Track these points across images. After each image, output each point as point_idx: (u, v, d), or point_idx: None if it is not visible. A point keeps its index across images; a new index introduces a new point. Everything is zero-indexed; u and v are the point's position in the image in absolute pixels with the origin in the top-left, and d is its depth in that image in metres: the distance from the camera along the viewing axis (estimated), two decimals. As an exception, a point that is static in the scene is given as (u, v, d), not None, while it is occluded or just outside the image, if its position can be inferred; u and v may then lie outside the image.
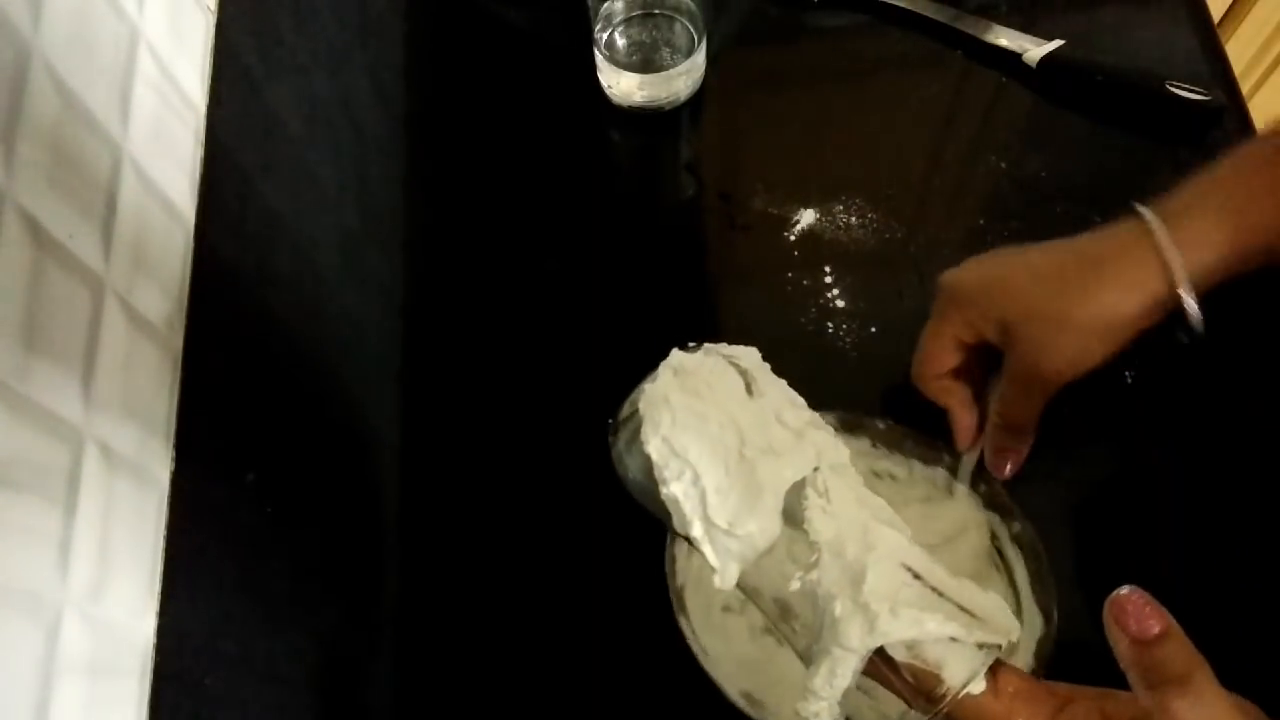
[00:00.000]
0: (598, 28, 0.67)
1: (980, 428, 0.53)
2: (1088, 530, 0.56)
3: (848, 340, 0.61)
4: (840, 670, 0.38)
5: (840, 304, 0.62)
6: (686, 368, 0.44)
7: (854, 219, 0.65)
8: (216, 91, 0.45)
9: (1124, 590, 0.36)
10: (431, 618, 0.58)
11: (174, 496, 0.38)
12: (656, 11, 0.68)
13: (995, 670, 0.37)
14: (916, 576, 0.38)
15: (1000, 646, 0.38)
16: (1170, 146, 0.64)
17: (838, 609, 0.38)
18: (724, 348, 0.45)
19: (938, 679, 0.37)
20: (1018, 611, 0.51)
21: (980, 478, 0.54)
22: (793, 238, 0.65)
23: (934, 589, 0.38)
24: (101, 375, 0.35)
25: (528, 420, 0.62)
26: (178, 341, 0.40)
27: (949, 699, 0.37)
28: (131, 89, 0.39)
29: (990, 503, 0.53)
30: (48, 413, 0.32)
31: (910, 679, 0.38)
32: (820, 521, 0.40)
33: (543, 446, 0.61)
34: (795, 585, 0.40)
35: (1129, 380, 0.59)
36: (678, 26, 0.68)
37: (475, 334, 0.65)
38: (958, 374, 0.53)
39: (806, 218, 0.65)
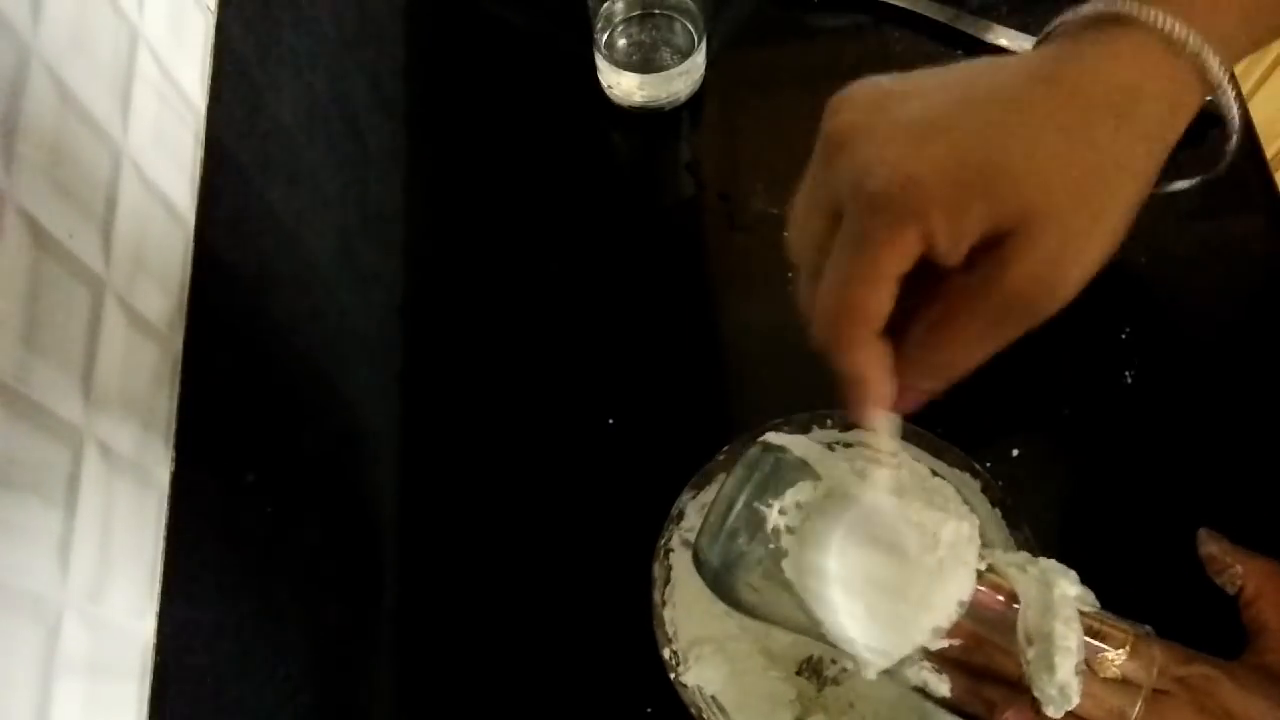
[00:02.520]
0: (598, 28, 0.67)
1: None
2: (1087, 530, 0.56)
3: (848, 340, 0.61)
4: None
5: (840, 304, 0.62)
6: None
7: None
8: (216, 91, 0.45)
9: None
10: (431, 618, 0.58)
11: (174, 496, 0.38)
12: (656, 11, 0.68)
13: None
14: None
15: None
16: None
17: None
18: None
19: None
20: None
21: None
22: (793, 238, 0.65)
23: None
24: (101, 375, 0.35)
25: (528, 420, 0.62)
26: (178, 341, 0.40)
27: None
28: (131, 89, 0.39)
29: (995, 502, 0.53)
30: (48, 413, 0.32)
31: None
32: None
33: (543, 447, 0.61)
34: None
35: (1129, 380, 0.59)
36: (678, 26, 0.68)
37: (475, 334, 0.65)
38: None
39: (806, 218, 0.65)
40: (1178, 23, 0.32)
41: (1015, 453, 0.57)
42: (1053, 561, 0.41)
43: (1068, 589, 0.40)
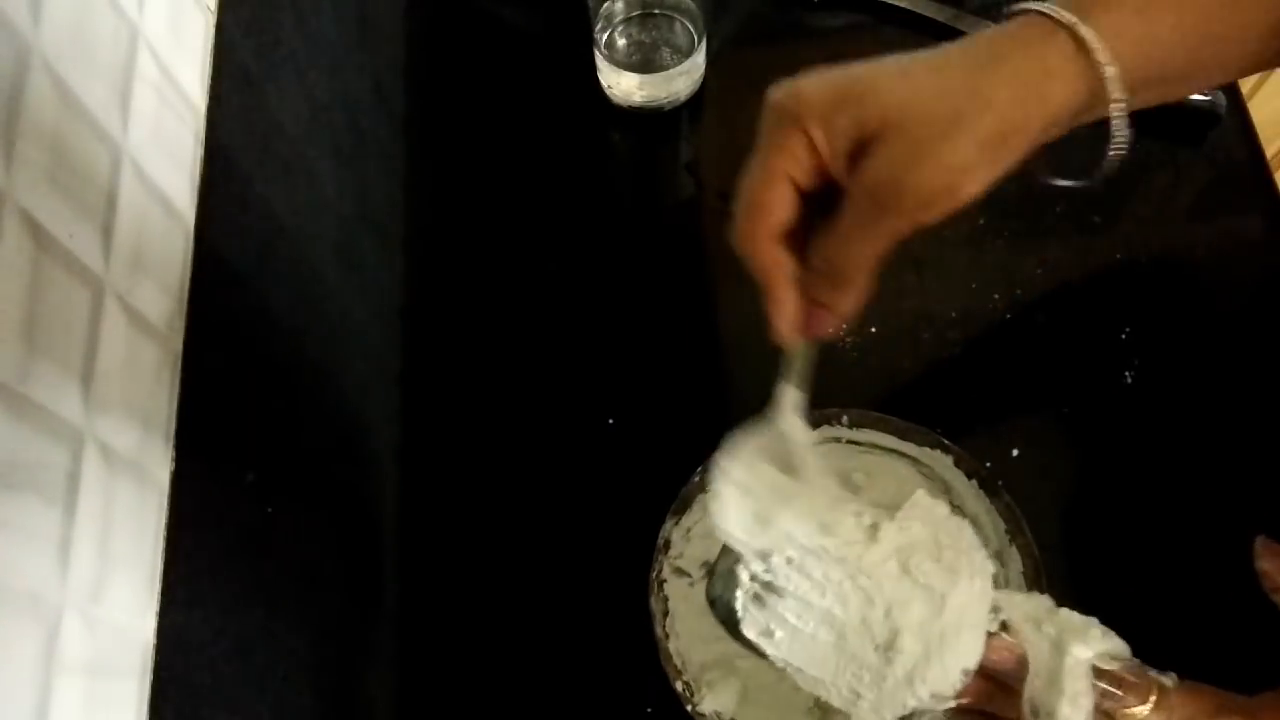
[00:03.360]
0: (598, 28, 0.67)
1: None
2: (1087, 530, 0.56)
3: (848, 340, 0.61)
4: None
5: (840, 304, 0.62)
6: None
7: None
8: (216, 91, 0.45)
9: None
10: (431, 618, 0.58)
11: (174, 496, 0.38)
12: (656, 11, 0.68)
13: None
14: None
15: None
16: (1170, 147, 0.64)
17: (1049, 625, 0.39)
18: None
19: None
20: None
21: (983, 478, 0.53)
22: (793, 238, 0.65)
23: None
24: (101, 375, 0.35)
25: (528, 420, 0.62)
26: (178, 341, 0.40)
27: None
28: (131, 89, 0.39)
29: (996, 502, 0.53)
30: (48, 413, 0.32)
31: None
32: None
33: (543, 447, 0.61)
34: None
35: (1129, 380, 0.59)
36: (678, 26, 0.68)
37: (475, 334, 0.65)
38: (786, 237, 0.40)
39: (806, 218, 0.65)
40: (1064, 10, 0.36)
41: (1015, 453, 0.57)
42: (1074, 615, 0.39)
43: (1081, 654, 0.38)
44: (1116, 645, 0.39)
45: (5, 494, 0.30)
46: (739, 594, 0.41)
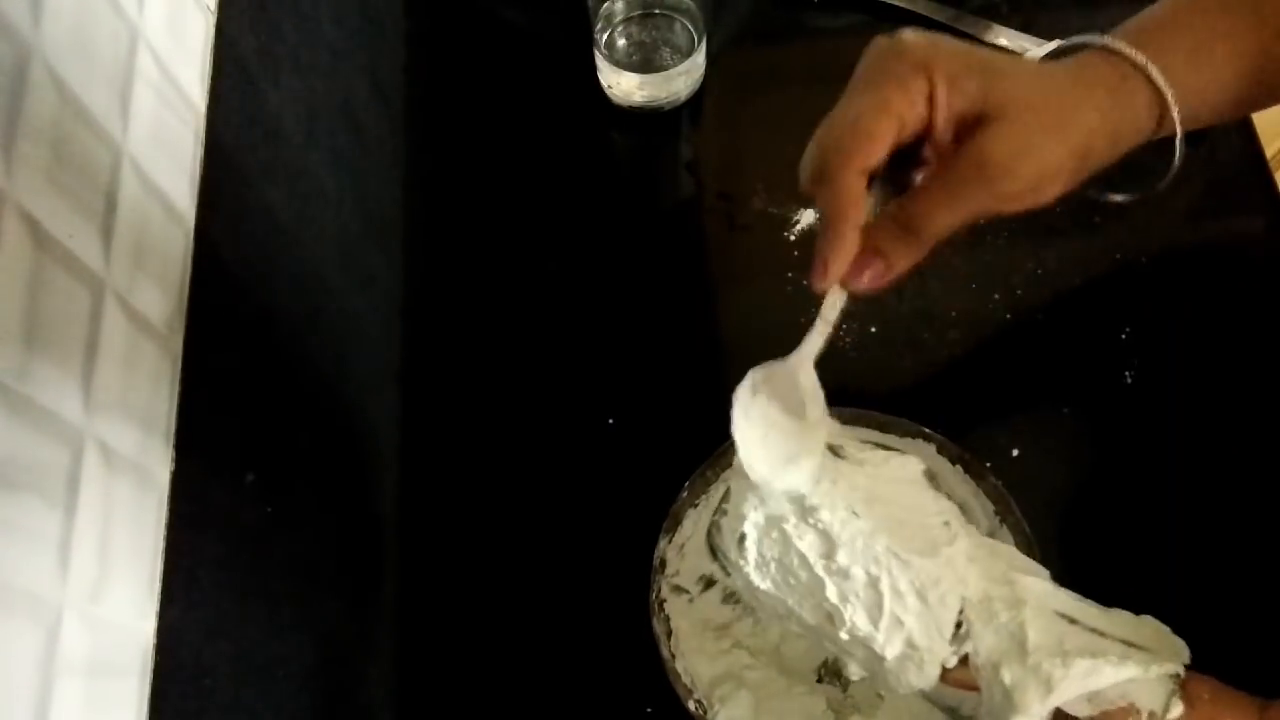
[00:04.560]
0: (598, 28, 0.67)
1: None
2: (1087, 530, 0.56)
3: (848, 340, 0.61)
4: None
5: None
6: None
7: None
8: (216, 91, 0.45)
9: None
10: (431, 618, 0.58)
11: (174, 496, 0.38)
12: (656, 11, 0.68)
13: (1183, 684, 0.37)
14: (1072, 621, 0.38)
15: (1180, 672, 0.37)
16: (1169, 147, 0.64)
17: (1006, 677, 0.37)
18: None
19: (1135, 711, 0.36)
20: None
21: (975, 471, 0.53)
22: (793, 238, 0.65)
23: (1093, 629, 0.37)
24: (101, 375, 0.35)
25: (528, 420, 0.62)
26: (178, 341, 0.40)
27: None
28: (131, 89, 0.39)
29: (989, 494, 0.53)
30: (48, 413, 0.32)
31: None
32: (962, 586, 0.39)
33: (543, 446, 0.61)
34: (953, 661, 0.39)
35: (1129, 380, 0.59)
36: (678, 26, 0.68)
37: (475, 334, 0.65)
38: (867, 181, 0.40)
39: (806, 218, 0.65)
40: (1137, 51, 0.41)
41: (1015, 453, 0.57)
42: (1044, 667, 0.37)
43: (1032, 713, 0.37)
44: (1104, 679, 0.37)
45: (5, 494, 0.30)
46: (748, 529, 0.41)
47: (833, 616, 0.40)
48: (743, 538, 0.43)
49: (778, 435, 0.41)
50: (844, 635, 0.40)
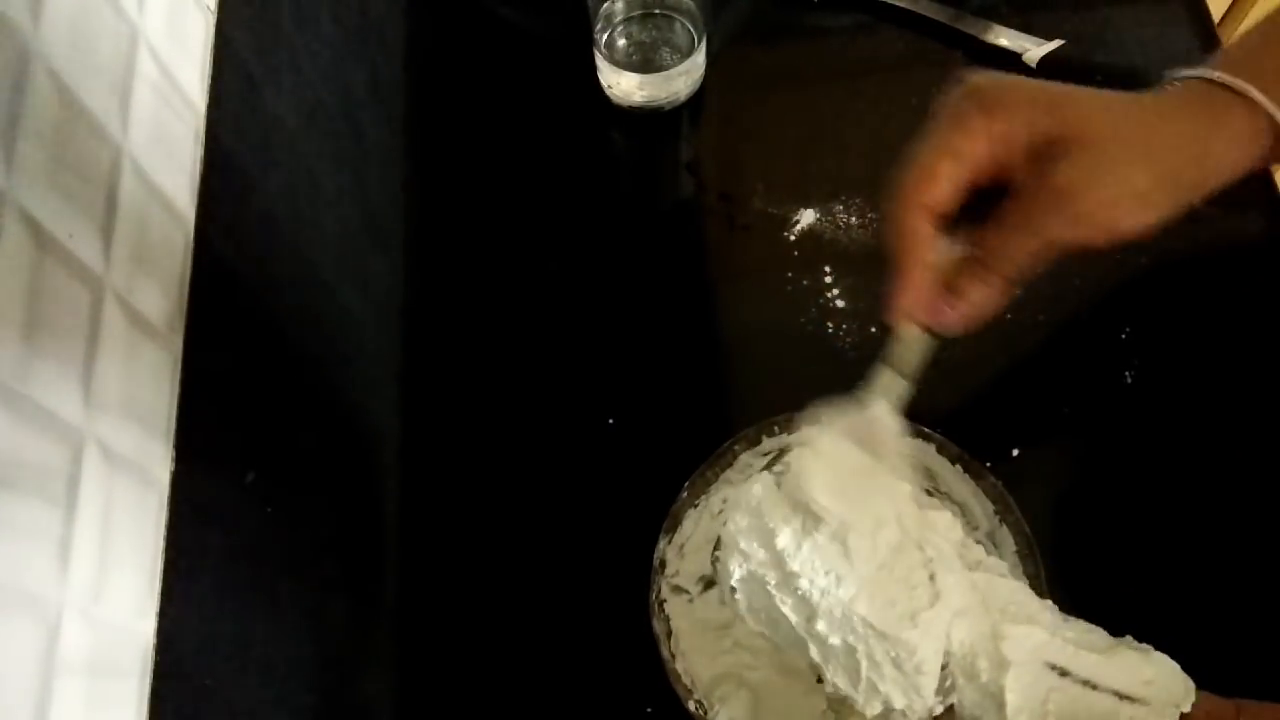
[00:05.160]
0: (598, 28, 0.67)
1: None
2: (1087, 530, 0.56)
3: (848, 340, 0.61)
4: None
5: (840, 304, 0.62)
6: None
7: (854, 219, 0.65)
8: (216, 91, 0.45)
9: None
10: (432, 618, 0.58)
11: (174, 496, 0.38)
12: (656, 11, 0.68)
13: None
14: (1064, 673, 0.37)
15: None
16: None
17: None
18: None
19: None
20: None
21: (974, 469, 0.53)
22: (793, 238, 0.65)
23: (1085, 681, 0.37)
24: (101, 375, 0.35)
25: (528, 420, 0.62)
26: (178, 341, 0.40)
27: None
28: (131, 89, 0.39)
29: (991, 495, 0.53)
30: (48, 413, 0.32)
31: None
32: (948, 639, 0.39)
33: (543, 446, 0.61)
34: (939, 709, 0.39)
35: (1129, 380, 0.59)
36: (678, 26, 0.68)
37: (475, 334, 0.65)
38: (938, 220, 0.41)
39: (806, 218, 0.65)
40: (1251, 85, 0.39)
41: (1015, 453, 0.57)
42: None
43: None
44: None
45: (5, 494, 0.30)
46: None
47: (819, 668, 0.41)
48: (734, 589, 0.44)
49: (852, 473, 0.41)
50: (828, 688, 0.41)
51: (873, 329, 0.62)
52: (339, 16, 0.62)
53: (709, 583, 0.53)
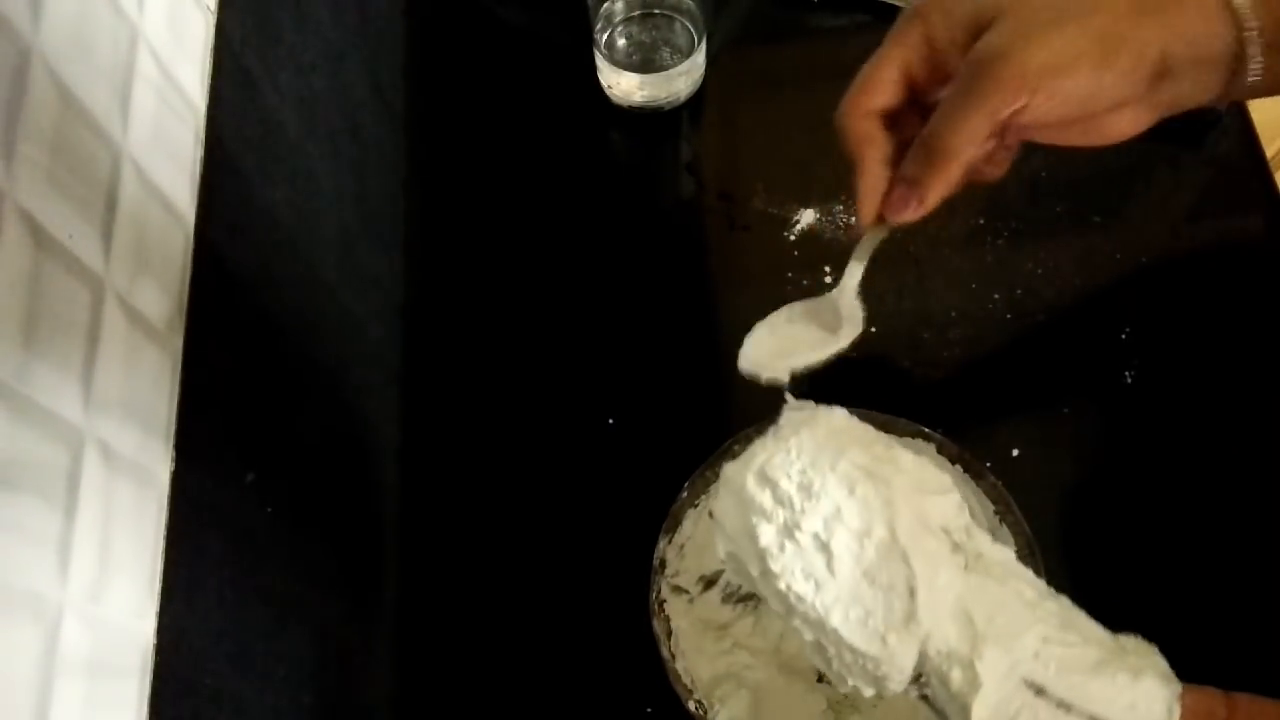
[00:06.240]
0: (598, 28, 0.67)
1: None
2: (1087, 530, 0.56)
3: (848, 340, 0.61)
4: None
5: (840, 304, 0.62)
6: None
7: (854, 219, 0.65)
8: (216, 91, 0.45)
9: None
10: (431, 617, 0.58)
11: (174, 496, 0.38)
12: (656, 11, 0.68)
13: None
14: (1040, 692, 0.36)
15: None
16: (1170, 148, 0.64)
17: None
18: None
19: None
20: None
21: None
22: (793, 238, 0.65)
23: (1060, 702, 0.36)
24: (101, 375, 0.35)
25: (528, 420, 0.62)
26: (178, 341, 0.40)
27: None
28: (131, 89, 0.39)
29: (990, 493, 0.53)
30: (48, 413, 0.32)
31: None
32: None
33: (543, 446, 0.61)
34: (914, 695, 0.39)
35: (1129, 380, 0.59)
36: (678, 26, 0.68)
37: (475, 334, 0.65)
38: (886, 122, 0.42)
39: (806, 218, 0.65)
40: None
41: (1015, 453, 0.57)
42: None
43: None
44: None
45: (5, 494, 0.30)
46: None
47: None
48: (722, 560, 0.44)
49: (800, 345, 0.43)
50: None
51: (872, 329, 0.62)
52: (339, 16, 0.62)
53: (709, 582, 0.53)
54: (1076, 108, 0.38)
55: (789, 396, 0.44)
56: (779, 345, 0.45)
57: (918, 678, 0.39)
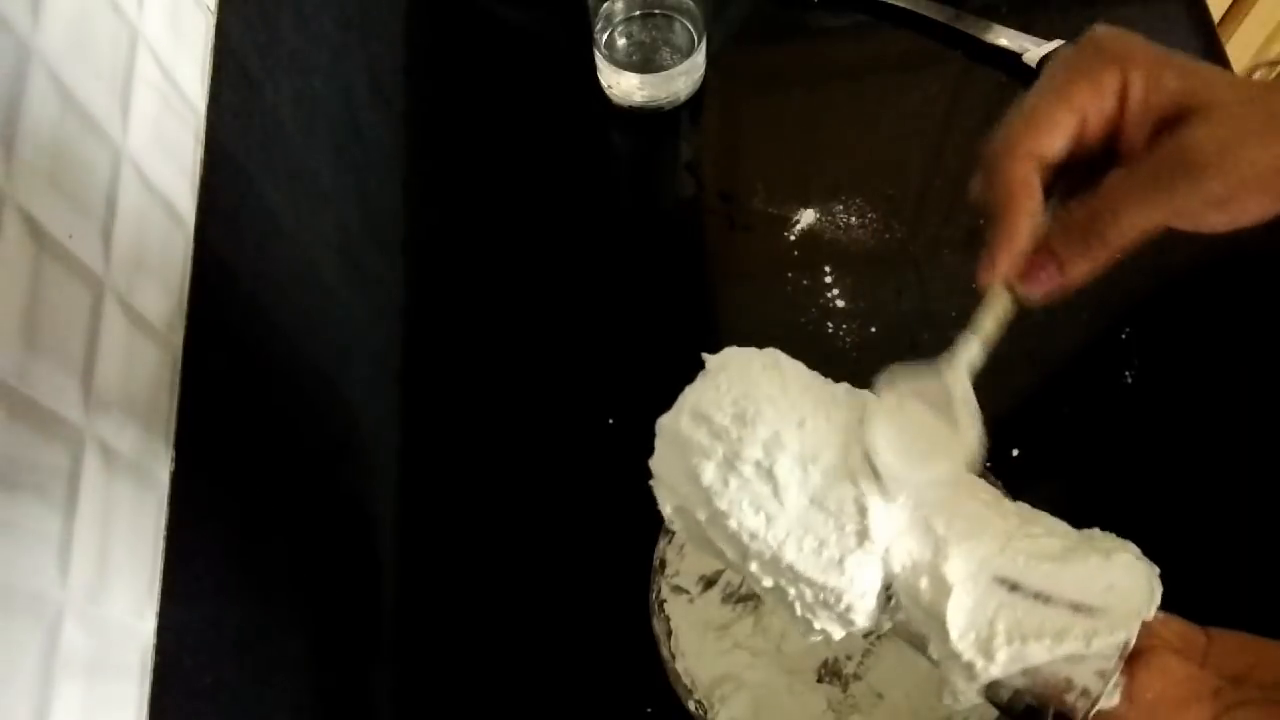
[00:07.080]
0: (598, 28, 0.67)
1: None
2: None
3: (848, 340, 0.61)
4: (961, 699, 0.35)
5: (840, 304, 0.62)
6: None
7: (854, 219, 0.65)
8: (216, 91, 0.45)
9: None
10: (431, 618, 0.58)
11: (174, 496, 0.38)
12: (656, 11, 0.68)
13: (1135, 666, 0.34)
14: (1015, 588, 0.35)
15: (1130, 640, 0.34)
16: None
17: (934, 653, 0.36)
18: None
19: (1063, 696, 0.33)
20: None
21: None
22: (793, 238, 0.65)
23: (1037, 594, 0.34)
24: (101, 375, 0.35)
25: (528, 420, 0.62)
26: (178, 341, 0.40)
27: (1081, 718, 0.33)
28: (131, 89, 0.39)
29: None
30: (48, 413, 0.32)
31: (1034, 702, 0.34)
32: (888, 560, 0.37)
33: (543, 447, 0.61)
34: (887, 625, 0.38)
35: (1129, 380, 0.59)
36: (678, 26, 0.68)
37: (475, 334, 0.65)
38: (1046, 174, 0.37)
39: (806, 218, 0.65)
40: None
41: (1015, 453, 0.57)
42: (965, 656, 0.35)
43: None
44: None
45: (5, 494, 0.30)
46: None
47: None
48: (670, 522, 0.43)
49: (921, 434, 0.38)
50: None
51: (872, 329, 0.62)
52: (339, 16, 0.62)
53: (709, 582, 0.53)
54: (1253, 220, 0.36)
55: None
56: (908, 443, 0.38)
57: (888, 601, 0.37)
